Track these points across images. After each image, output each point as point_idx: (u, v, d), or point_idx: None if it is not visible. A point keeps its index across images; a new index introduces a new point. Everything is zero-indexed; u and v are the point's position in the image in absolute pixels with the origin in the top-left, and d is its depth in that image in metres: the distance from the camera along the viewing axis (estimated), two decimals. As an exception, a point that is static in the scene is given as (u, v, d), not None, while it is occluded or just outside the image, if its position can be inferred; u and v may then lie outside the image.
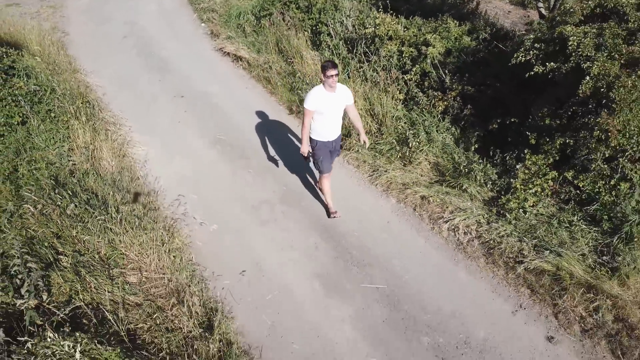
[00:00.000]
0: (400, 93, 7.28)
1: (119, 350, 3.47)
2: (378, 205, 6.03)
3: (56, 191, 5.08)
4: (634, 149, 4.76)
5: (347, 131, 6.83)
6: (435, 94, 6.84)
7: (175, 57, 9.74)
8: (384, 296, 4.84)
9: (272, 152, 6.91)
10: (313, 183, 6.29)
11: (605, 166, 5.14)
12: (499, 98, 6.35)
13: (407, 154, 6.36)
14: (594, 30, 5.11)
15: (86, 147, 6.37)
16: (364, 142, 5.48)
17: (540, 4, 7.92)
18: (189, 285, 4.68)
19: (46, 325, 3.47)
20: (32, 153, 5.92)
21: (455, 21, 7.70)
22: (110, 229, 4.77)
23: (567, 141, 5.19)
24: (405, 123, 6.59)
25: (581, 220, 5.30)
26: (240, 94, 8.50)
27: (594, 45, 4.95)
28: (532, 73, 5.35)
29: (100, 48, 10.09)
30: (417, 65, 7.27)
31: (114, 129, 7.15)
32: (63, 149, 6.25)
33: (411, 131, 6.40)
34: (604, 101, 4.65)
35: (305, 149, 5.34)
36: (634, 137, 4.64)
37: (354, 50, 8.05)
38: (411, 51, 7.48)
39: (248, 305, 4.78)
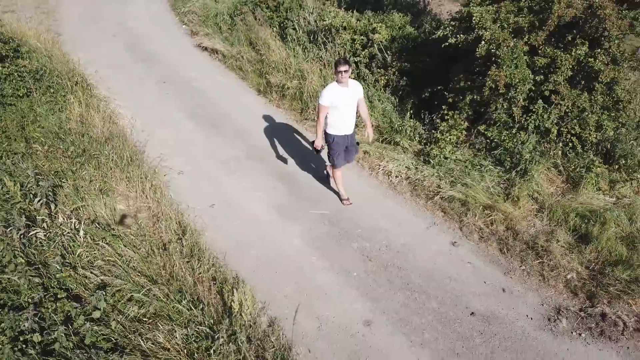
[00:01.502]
0: (352, 73, 8.57)
1: (111, 232, 4.64)
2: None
3: (59, 138, 6.24)
4: (519, 97, 6.08)
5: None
6: (379, 71, 8.15)
7: (159, 52, 11.00)
8: (326, 219, 6.05)
9: (241, 121, 8.14)
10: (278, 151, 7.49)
11: (506, 116, 6.46)
12: (430, 71, 7.67)
13: (354, 118, 7.61)
14: (494, 8, 6.46)
15: (81, 116, 7.52)
16: (369, 134, 5.95)
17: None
18: (167, 210, 5.82)
19: (58, 210, 4.63)
20: (36, 118, 7.08)
21: (399, 13, 9.08)
22: (104, 164, 5.93)
23: (475, 97, 6.50)
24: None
25: (489, 163, 6.58)
26: (215, 79, 9.77)
27: (491, 19, 6.30)
28: (447, 44, 6.68)
29: (91, 44, 11.31)
30: (366, 50, 8.60)
31: (104, 104, 8.33)
32: (61, 117, 7.39)
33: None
34: (493, 58, 5.98)
35: (319, 143, 5.65)
36: (518, 87, 5.96)
37: (315, 40, 9.38)
38: (362, 39, 8.82)
39: (217, 227, 5.94)
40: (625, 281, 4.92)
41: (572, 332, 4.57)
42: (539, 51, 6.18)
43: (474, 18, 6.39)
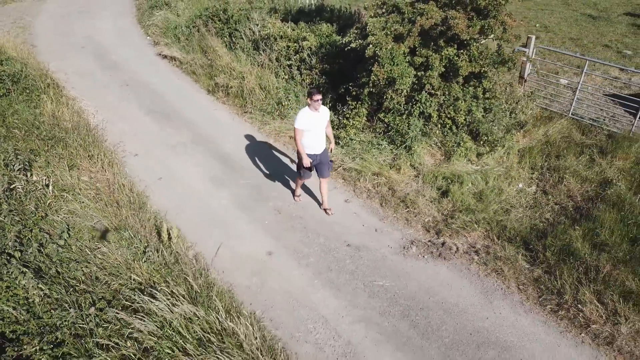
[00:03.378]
0: (285, 74, 10.34)
1: (73, 190, 6.25)
2: (261, 143, 8.95)
3: (34, 126, 7.84)
4: (402, 89, 7.84)
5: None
6: (306, 71, 9.91)
7: (123, 60, 12.64)
8: (250, 186, 7.71)
9: (191, 115, 9.81)
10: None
11: (397, 105, 8.21)
12: (344, 71, 9.43)
13: (282, 110, 9.36)
14: (384, 19, 8.26)
15: (52, 111, 9.11)
16: (332, 149, 6.80)
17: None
18: (122, 181, 7.44)
19: (33, 174, 6.22)
20: (15, 112, 8.65)
21: (327, 24, 10.88)
22: (70, 145, 7.54)
23: (371, 90, 8.25)
24: (282, 91, 9.61)
25: (385, 142, 8.33)
26: (172, 82, 11.44)
27: (380, 27, 8.08)
28: (350, 47, 8.45)
29: (63, 55, 12.91)
30: (297, 55, 10.36)
31: (72, 102, 9.93)
32: (36, 112, 8.97)
33: (284, 95, 9.43)
34: (376, 58, 7.76)
35: (306, 161, 6.28)
36: (398, 81, 7.72)
37: (258, 47, 11.12)
38: (295, 45, 10.58)
39: (162, 193, 7.56)
40: (467, 221, 6.67)
41: (418, 255, 6.29)
42: (417, 52, 7.96)
43: (368, 27, 8.17)
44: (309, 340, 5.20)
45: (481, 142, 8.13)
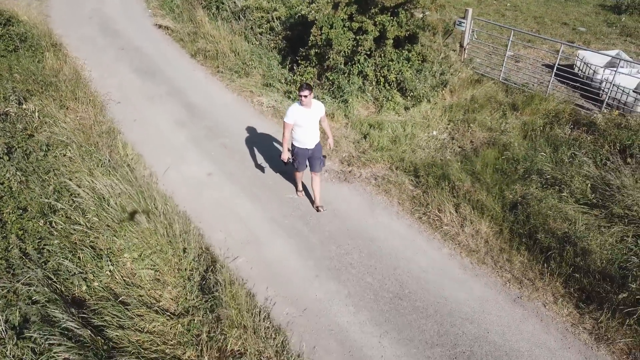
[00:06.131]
0: (256, 40, 11.93)
1: (56, 118, 7.99)
2: (226, 97, 10.57)
3: (33, 73, 9.64)
4: (340, 50, 9.33)
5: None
6: (271, 37, 11.49)
7: (123, 29, 14.41)
8: (208, 128, 9.36)
9: (171, 74, 11.50)
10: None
11: (339, 64, 9.72)
12: (302, 37, 10.95)
13: (247, 69, 10.96)
14: (330, -10, 9.76)
15: (52, 66, 10.92)
16: (330, 144, 6.88)
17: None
18: (102, 119, 9.17)
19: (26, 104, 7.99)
20: (20, 64, 10.49)
21: (297, -4, 12.41)
22: (61, 89, 9.30)
23: (317, 51, 9.77)
24: (248, 53, 11.21)
25: (329, 97, 9.85)
26: (162, 48, 13.14)
27: (325, -3, 9.59)
28: (301, 14, 9.98)
29: (71, 23, 14.75)
30: (269, 23, 11.93)
31: (71, 60, 11.73)
32: (39, 66, 10.79)
33: (249, 56, 11.04)
34: (315, 22, 9.27)
35: (285, 155, 6.49)
36: (335, 42, 9.20)
37: (238, 18, 12.74)
38: (267, 15, 12.15)
39: (133, 131, 9.24)
40: (375, 156, 8.15)
41: (328, 180, 7.82)
42: (354, 18, 9.44)
43: (315, -3, 9.69)
44: (222, 230, 6.81)
45: (408, 97, 9.56)
